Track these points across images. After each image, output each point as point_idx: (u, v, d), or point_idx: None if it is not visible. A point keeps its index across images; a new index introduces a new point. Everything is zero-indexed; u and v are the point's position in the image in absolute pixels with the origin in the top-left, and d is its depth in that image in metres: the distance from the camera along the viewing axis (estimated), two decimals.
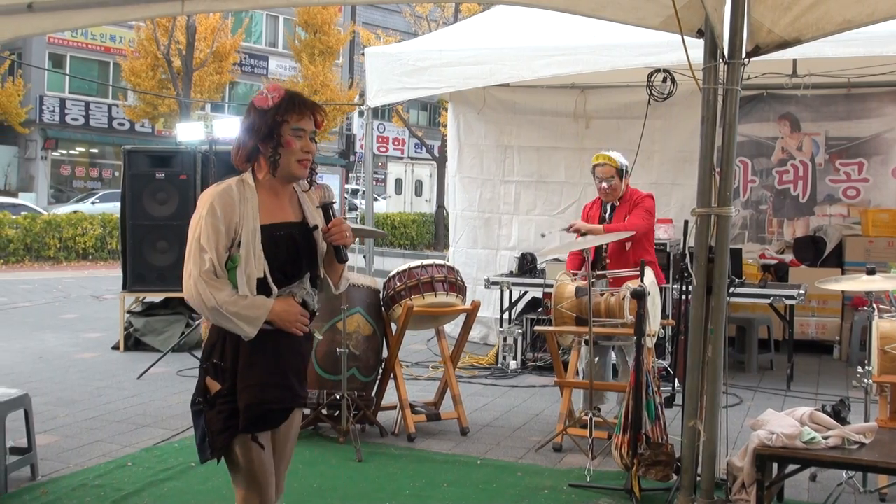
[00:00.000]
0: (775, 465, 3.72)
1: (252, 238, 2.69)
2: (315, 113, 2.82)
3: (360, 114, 9.03)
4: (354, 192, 26.86)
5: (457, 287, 5.58)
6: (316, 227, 2.87)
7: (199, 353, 5.15)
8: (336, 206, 2.89)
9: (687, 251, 4.08)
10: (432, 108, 38.79)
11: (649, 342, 4.52)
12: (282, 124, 2.74)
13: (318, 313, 2.95)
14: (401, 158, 34.60)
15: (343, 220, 2.88)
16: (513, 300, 8.17)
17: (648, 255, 5.76)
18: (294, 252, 2.79)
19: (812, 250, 8.67)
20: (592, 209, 6.00)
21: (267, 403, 2.73)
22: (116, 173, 31.01)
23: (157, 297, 8.79)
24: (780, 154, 9.01)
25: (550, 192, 8.93)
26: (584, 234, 5.78)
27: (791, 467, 3.77)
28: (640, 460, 4.12)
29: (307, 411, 5.37)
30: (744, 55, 3.52)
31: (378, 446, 5.20)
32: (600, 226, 5.76)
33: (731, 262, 4.09)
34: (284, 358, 2.79)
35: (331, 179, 29.15)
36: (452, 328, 7.54)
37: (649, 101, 5.73)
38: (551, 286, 5.70)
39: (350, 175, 31.83)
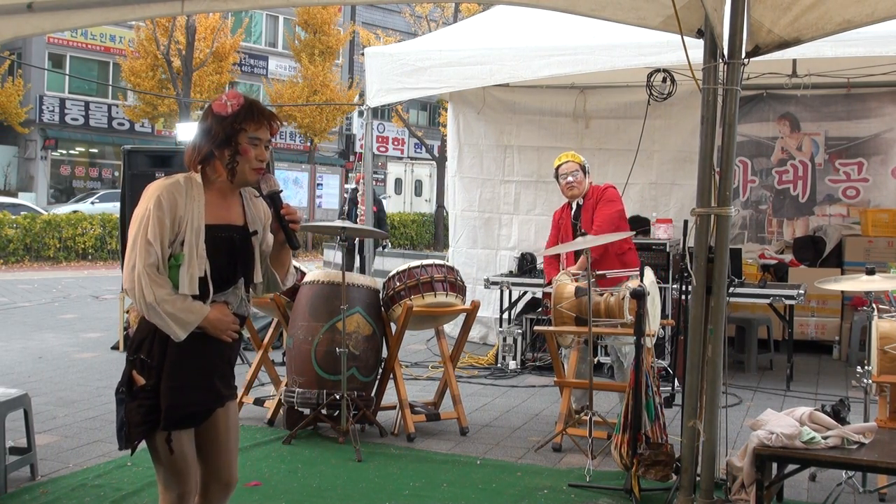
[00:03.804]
0: (775, 465, 3.72)
1: (196, 237, 2.73)
2: (271, 122, 2.85)
3: (360, 114, 9.02)
4: (354, 192, 26.82)
5: (456, 287, 5.58)
6: (255, 232, 2.91)
7: None
8: (282, 194, 2.93)
9: (687, 251, 4.08)
10: (432, 108, 38.79)
11: (649, 342, 4.52)
12: (239, 132, 2.77)
13: (248, 317, 3.01)
14: (400, 158, 34.59)
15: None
16: (512, 300, 8.17)
17: (626, 242, 5.83)
18: (231, 256, 2.84)
19: (812, 250, 8.67)
20: (563, 216, 6.02)
21: (189, 406, 2.80)
22: (116, 173, 31.01)
23: None
24: (780, 154, 9.02)
25: (550, 192, 8.90)
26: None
27: (790, 467, 3.77)
28: (640, 460, 4.11)
29: (307, 411, 5.39)
30: (743, 55, 3.51)
31: (378, 446, 5.19)
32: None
33: (731, 262, 4.08)
34: (211, 361, 2.84)
35: (330, 179, 29.16)
36: (452, 328, 7.54)
37: (649, 101, 5.74)
38: (551, 286, 5.70)
39: (350, 175, 31.84)
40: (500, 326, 7.95)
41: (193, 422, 2.85)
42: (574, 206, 5.93)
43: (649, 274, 5.00)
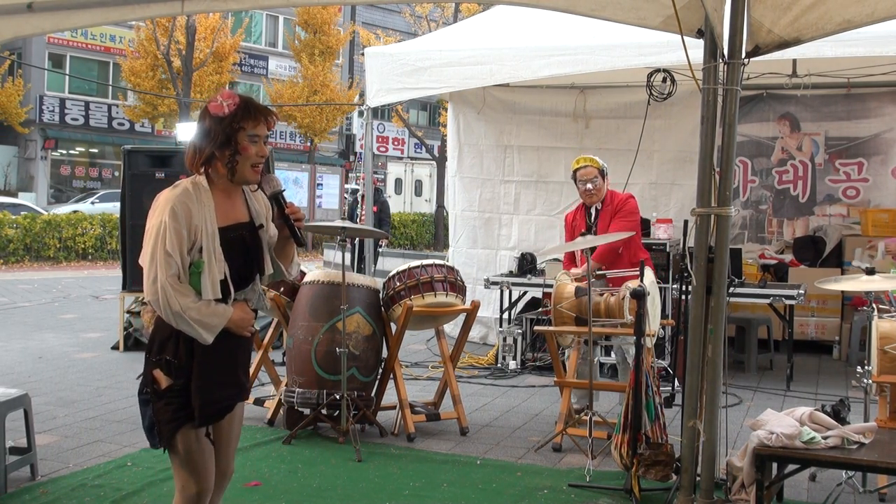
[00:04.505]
0: (775, 465, 3.72)
1: (212, 242, 2.78)
2: (267, 117, 2.89)
3: (360, 114, 9.04)
4: (354, 193, 26.87)
5: (456, 287, 5.58)
6: (262, 225, 2.97)
7: None
8: (285, 193, 2.99)
9: (687, 251, 4.08)
10: (432, 108, 38.79)
11: (649, 342, 4.52)
12: (238, 132, 2.81)
13: (262, 310, 3.08)
14: (401, 158, 34.60)
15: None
16: (512, 300, 8.17)
17: (643, 251, 5.85)
18: (245, 254, 2.90)
19: (812, 250, 8.67)
20: (576, 218, 5.96)
21: (220, 402, 2.88)
22: (116, 173, 31.00)
23: None
24: (780, 154, 9.02)
25: (550, 192, 8.93)
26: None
27: (790, 467, 3.77)
28: (640, 460, 4.12)
29: (307, 411, 5.39)
30: (744, 55, 3.52)
31: (378, 446, 5.19)
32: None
33: (731, 262, 4.08)
34: (234, 356, 2.94)
35: (330, 179, 29.15)
36: (452, 328, 7.54)
37: (649, 101, 5.75)
38: (551, 286, 5.70)
39: (350, 175, 31.86)
40: (500, 326, 7.94)
41: (222, 416, 2.92)
42: (592, 211, 5.90)
43: (649, 274, 5.00)
